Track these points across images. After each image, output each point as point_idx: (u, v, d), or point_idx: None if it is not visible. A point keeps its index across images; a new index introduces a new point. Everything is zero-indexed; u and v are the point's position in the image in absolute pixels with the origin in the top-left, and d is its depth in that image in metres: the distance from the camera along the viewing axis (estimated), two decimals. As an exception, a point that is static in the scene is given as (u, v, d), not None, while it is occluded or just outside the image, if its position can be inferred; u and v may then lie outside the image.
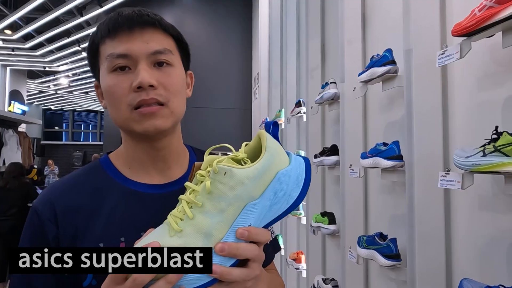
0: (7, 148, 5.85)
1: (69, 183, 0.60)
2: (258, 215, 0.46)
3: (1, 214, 3.60)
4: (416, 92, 1.20)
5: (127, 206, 0.57)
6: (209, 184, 0.45)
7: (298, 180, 0.49)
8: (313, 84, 2.23)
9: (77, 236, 0.55)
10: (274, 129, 0.51)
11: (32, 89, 12.37)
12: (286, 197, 0.48)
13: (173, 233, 0.45)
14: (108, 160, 0.63)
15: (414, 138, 1.20)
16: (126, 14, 0.55)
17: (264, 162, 0.46)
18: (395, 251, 1.24)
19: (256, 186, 0.46)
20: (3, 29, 6.83)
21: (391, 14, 1.55)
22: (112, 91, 0.56)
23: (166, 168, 0.62)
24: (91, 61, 0.61)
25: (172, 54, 0.58)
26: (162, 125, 0.56)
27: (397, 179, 1.29)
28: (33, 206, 0.58)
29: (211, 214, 0.45)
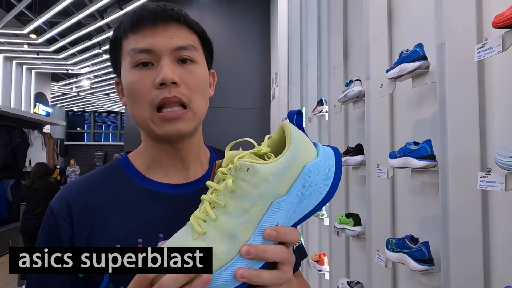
0: (32, 148, 6.04)
1: (87, 182, 0.59)
2: (286, 213, 0.43)
3: (28, 213, 3.71)
4: (450, 89, 1.14)
5: (145, 206, 0.55)
6: (231, 182, 0.42)
7: (328, 173, 0.45)
8: (336, 82, 2.18)
9: (93, 236, 0.53)
10: (298, 119, 0.47)
11: (56, 91, 12.74)
12: (316, 192, 0.44)
13: (196, 236, 0.42)
14: (127, 160, 0.61)
15: (448, 137, 1.14)
16: (150, 8, 0.53)
17: (289, 155, 0.43)
18: (427, 255, 1.18)
19: (282, 182, 0.42)
20: (28, 33, 7.05)
21: (420, 8, 1.49)
22: (133, 88, 0.53)
23: (185, 168, 0.60)
24: (112, 56, 0.59)
25: (196, 50, 0.56)
26: (184, 129, 0.54)
27: (429, 179, 1.24)
28: (50, 205, 0.57)
29: (235, 214, 0.42)
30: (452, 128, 1.14)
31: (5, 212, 5.38)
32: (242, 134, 0.49)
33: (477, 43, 1.01)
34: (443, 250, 1.15)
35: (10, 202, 5.48)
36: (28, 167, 5.93)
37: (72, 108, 16.89)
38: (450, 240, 1.13)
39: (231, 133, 4.73)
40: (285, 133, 0.45)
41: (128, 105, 0.57)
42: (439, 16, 1.17)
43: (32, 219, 3.69)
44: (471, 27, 1.11)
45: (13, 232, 5.24)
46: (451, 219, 1.13)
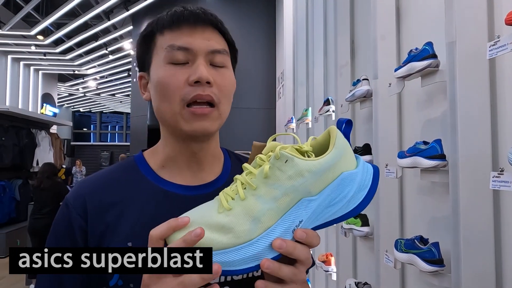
0: (40, 149, 6.10)
1: (103, 179, 0.60)
2: (312, 213, 0.44)
3: (36, 213, 3.74)
4: (460, 87, 1.12)
5: (157, 205, 0.56)
6: (268, 168, 0.43)
7: (363, 186, 0.46)
8: (342, 82, 2.16)
9: (106, 233, 0.54)
10: (346, 128, 0.47)
11: (62, 92, 12.87)
12: (347, 201, 0.45)
13: (221, 210, 0.44)
14: (143, 158, 0.62)
15: (458, 136, 1.13)
16: (191, 9, 0.56)
17: (329, 158, 0.43)
18: (437, 256, 1.17)
19: (316, 182, 0.43)
20: (35, 34, 7.13)
21: (428, 6, 1.48)
22: (166, 82, 0.54)
23: (199, 170, 0.60)
24: (142, 50, 0.60)
25: (228, 56, 0.58)
26: (210, 127, 0.55)
27: (439, 179, 1.22)
28: (66, 199, 0.58)
29: (264, 199, 0.43)
30: (463, 127, 1.12)
31: (14, 212, 5.44)
32: (247, 134, 0.50)
33: (489, 41, 0.99)
34: (454, 251, 1.14)
35: (18, 202, 5.54)
36: (36, 167, 5.99)
37: (79, 108, 17.04)
38: (461, 241, 1.12)
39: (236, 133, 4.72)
40: (330, 137, 0.46)
41: (155, 99, 0.57)
42: (449, 14, 1.16)
43: (40, 219, 3.72)
44: (482, 24, 1.09)
45: (21, 231, 5.29)
46: (462, 220, 1.12)
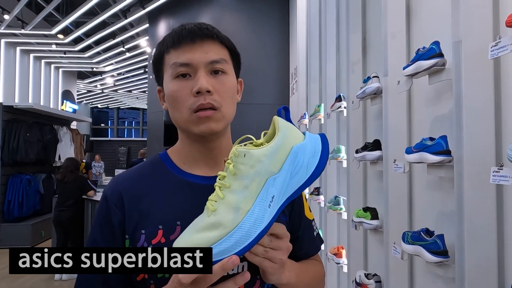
0: (62, 144, 6.33)
1: (135, 174, 0.69)
2: (280, 187, 0.52)
3: (60, 205, 3.93)
4: (466, 85, 1.16)
5: (182, 194, 0.65)
6: (232, 167, 0.52)
7: (314, 152, 0.55)
8: (354, 78, 2.20)
9: (140, 220, 0.63)
10: (286, 113, 0.57)
11: (81, 88, 13.22)
12: (304, 168, 0.53)
13: (209, 213, 0.52)
14: (167, 156, 0.71)
15: (463, 133, 1.17)
16: (189, 28, 0.64)
17: (277, 140, 0.53)
18: (442, 248, 1.22)
19: (273, 162, 0.52)
20: (56, 33, 7.36)
21: (438, 5, 1.51)
22: (175, 96, 0.63)
23: (215, 164, 0.69)
24: (156, 68, 0.70)
25: (227, 63, 0.65)
26: (215, 127, 0.63)
27: (445, 174, 1.27)
28: (104, 193, 0.68)
29: (238, 191, 0.51)
30: (468, 124, 1.16)
31: (38, 204, 5.69)
32: (261, 129, 0.58)
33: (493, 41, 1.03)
34: (458, 243, 1.19)
35: (42, 195, 5.79)
36: (58, 161, 6.23)
37: (97, 105, 17.46)
38: (465, 233, 1.17)
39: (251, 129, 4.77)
40: (274, 124, 0.55)
41: (169, 109, 0.67)
42: (455, 14, 1.19)
43: (64, 211, 3.91)
44: (487, 25, 1.13)
45: (46, 223, 5.54)
46: (466, 213, 1.16)
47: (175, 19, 6.06)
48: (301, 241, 0.70)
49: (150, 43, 6.68)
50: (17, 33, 7.45)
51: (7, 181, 5.37)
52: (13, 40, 7.89)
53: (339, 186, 2.61)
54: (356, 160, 1.95)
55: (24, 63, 8.64)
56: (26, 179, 5.49)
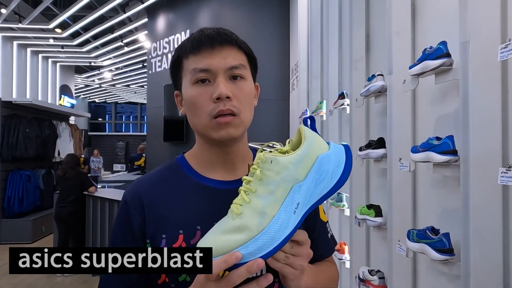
0: (61, 139, 6.32)
1: (154, 178, 0.70)
2: (305, 194, 0.53)
3: (62, 201, 3.94)
4: (473, 86, 1.17)
5: (201, 198, 0.66)
6: (259, 172, 0.54)
7: (339, 162, 0.56)
8: (357, 76, 2.21)
9: (159, 224, 0.63)
10: (311, 123, 0.59)
11: (79, 83, 13.14)
12: (329, 178, 0.55)
13: (235, 216, 0.53)
14: (185, 160, 0.72)
15: (470, 133, 1.18)
16: (208, 33, 0.64)
17: (303, 148, 0.54)
18: (448, 246, 1.24)
19: (299, 169, 0.53)
20: (54, 28, 7.30)
21: (444, 4, 1.51)
22: (194, 101, 0.64)
23: (233, 168, 0.70)
24: (174, 72, 0.70)
25: (245, 68, 0.66)
26: (235, 133, 0.64)
27: (451, 173, 1.28)
28: (124, 197, 0.68)
29: (263, 196, 0.52)
30: (475, 124, 1.17)
31: (38, 200, 5.69)
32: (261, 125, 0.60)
33: (501, 43, 1.04)
34: (464, 241, 1.20)
35: (42, 190, 5.79)
36: (57, 157, 6.22)
37: (94, 99, 17.37)
38: (470, 232, 1.18)
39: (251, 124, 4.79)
40: (301, 133, 0.57)
41: (188, 114, 0.68)
42: (463, 14, 1.20)
43: (65, 207, 3.91)
44: (495, 26, 1.13)
45: (46, 218, 5.55)
46: (472, 212, 1.18)
47: (174, 14, 6.02)
48: (316, 243, 0.71)
49: (149, 37, 6.63)
50: (14, 27, 7.38)
51: (7, 177, 5.36)
52: (10, 34, 7.82)
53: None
54: (360, 157, 1.96)
55: (21, 58, 8.57)
56: (25, 175, 5.48)
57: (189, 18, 5.72)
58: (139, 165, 8.17)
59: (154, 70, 6.34)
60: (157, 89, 6.08)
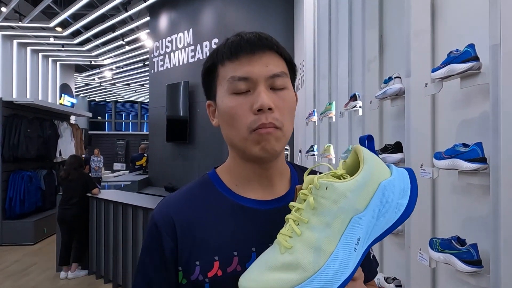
0: (62, 139, 6.25)
1: (185, 197, 0.63)
2: (366, 228, 0.46)
3: (65, 203, 3.88)
4: (504, 91, 1.12)
5: (236, 220, 0.60)
6: (312, 200, 0.46)
7: (404, 190, 0.49)
8: (370, 77, 2.15)
9: (193, 249, 0.58)
10: (369, 143, 0.51)
11: (79, 82, 13.07)
12: (394, 208, 0.47)
13: (283, 250, 0.46)
14: (217, 176, 0.65)
15: (501, 139, 1.13)
16: (247, 38, 0.58)
17: (364, 173, 0.46)
18: (476, 257, 1.19)
19: (360, 198, 0.46)
20: (54, 26, 7.22)
21: (466, 4, 1.45)
22: (232, 113, 0.57)
23: (270, 185, 0.64)
24: (207, 80, 0.63)
25: (287, 76, 0.60)
26: (277, 146, 0.58)
27: (479, 182, 1.23)
28: (153, 219, 0.62)
29: (318, 228, 0.45)
30: (506, 131, 1.12)
31: (40, 200, 5.63)
32: None
33: (538, 46, 0.99)
34: (493, 253, 1.16)
35: (44, 191, 5.73)
36: (59, 157, 6.16)
37: (94, 98, 17.29)
38: (501, 242, 1.13)
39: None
40: (358, 155, 0.49)
41: (223, 126, 0.61)
42: (494, 16, 1.14)
43: (68, 209, 3.86)
44: (530, 28, 1.08)
45: (48, 219, 5.50)
46: (503, 222, 1.13)
47: (177, 12, 5.95)
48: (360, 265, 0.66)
49: (150, 36, 6.57)
50: (14, 26, 7.30)
51: (8, 177, 5.30)
52: (10, 33, 7.74)
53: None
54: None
55: (21, 57, 8.50)
56: (27, 175, 5.42)
57: (192, 17, 5.66)
58: (141, 165, 8.12)
59: (156, 69, 6.28)
60: (160, 88, 6.03)
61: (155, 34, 6.33)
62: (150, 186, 6.12)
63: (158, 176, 6.14)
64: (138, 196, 4.08)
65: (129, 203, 3.48)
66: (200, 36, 5.52)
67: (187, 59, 5.71)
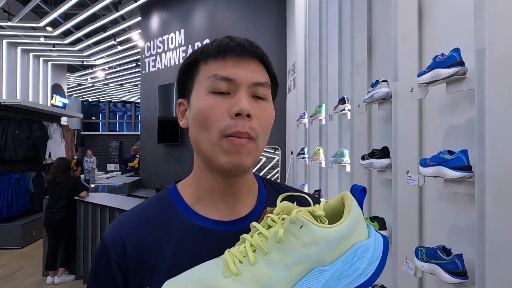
0: (52, 141, 6.17)
1: (139, 217, 0.59)
2: (323, 284, 0.41)
3: (51, 207, 3.81)
4: (489, 97, 1.09)
5: (193, 242, 0.56)
6: (282, 233, 0.41)
7: (373, 259, 0.44)
8: (359, 80, 2.12)
9: (145, 273, 0.54)
10: (360, 195, 0.46)
11: (71, 82, 12.93)
12: (357, 275, 0.43)
13: (228, 273, 0.41)
14: (176, 191, 0.61)
15: (486, 147, 1.10)
16: (238, 41, 0.55)
17: (345, 226, 0.42)
18: (461, 268, 1.16)
19: (330, 251, 0.41)
20: (44, 26, 7.12)
21: (453, 7, 1.42)
22: (207, 112, 0.53)
23: (234, 202, 0.59)
24: (184, 77, 0.59)
25: (269, 90, 0.58)
26: (246, 161, 0.54)
27: (464, 190, 1.20)
28: (104, 239, 0.57)
29: (276, 266, 0.41)
30: (491, 138, 1.09)
31: (28, 203, 5.54)
32: None
33: (523, 52, 0.95)
34: (479, 263, 1.12)
35: (32, 194, 5.64)
36: (48, 159, 6.07)
37: (87, 98, 17.14)
38: (486, 253, 1.10)
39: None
40: (345, 204, 0.45)
41: (193, 128, 0.56)
42: (480, 20, 1.11)
43: (55, 213, 3.79)
44: (515, 33, 1.04)
45: (36, 223, 5.41)
46: (488, 232, 1.09)
47: (168, 13, 5.89)
48: None
49: (142, 36, 6.50)
50: (3, 25, 7.19)
51: (-5, 180, 5.21)
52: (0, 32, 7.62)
53: (340, 190, 2.54)
54: (363, 167, 1.87)
55: (12, 56, 8.37)
56: (15, 178, 5.33)
57: (184, 17, 5.60)
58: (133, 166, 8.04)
59: (147, 70, 6.21)
60: (151, 89, 5.96)
61: (147, 34, 6.27)
62: (142, 188, 6.05)
63: (149, 178, 6.07)
64: (126, 200, 4.02)
65: (116, 207, 3.42)
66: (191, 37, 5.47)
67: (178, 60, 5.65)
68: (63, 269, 3.87)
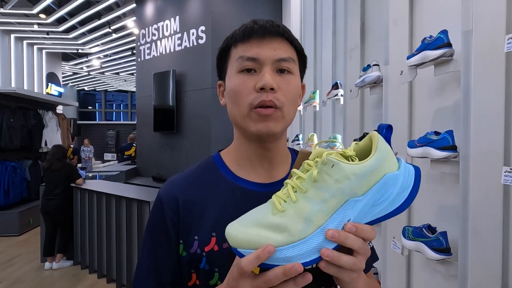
0: (48, 129, 6.14)
1: (189, 178, 0.69)
2: (359, 212, 0.47)
3: (48, 194, 3.83)
4: (475, 78, 1.11)
5: (235, 201, 0.64)
6: (316, 173, 0.47)
7: (405, 187, 0.48)
8: (352, 65, 2.13)
9: (193, 225, 0.63)
10: (387, 132, 0.50)
11: (67, 71, 12.80)
12: (390, 202, 0.48)
13: (275, 211, 0.48)
14: (220, 158, 0.70)
15: (471, 129, 1.12)
16: (261, 23, 0.62)
17: (373, 161, 0.47)
18: (445, 245, 1.20)
19: (361, 184, 0.46)
20: (38, 13, 7.02)
21: (444, -11, 1.43)
22: (237, 90, 0.61)
23: (271, 168, 0.67)
24: (220, 61, 0.67)
25: (294, 63, 0.63)
26: (274, 127, 0.60)
27: (450, 170, 1.23)
28: (158, 196, 0.67)
29: (314, 201, 0.47)
30: (476, 119, 1.11)
31: (25, 191, 5.56)
32: None
33: (507, 33, 0.97)
34: (462, 241, 1.16)
35: (29, 181, 5.65)
36: (44, 147, 6.06)
37: (84, 87, 16.99)
38: (469, 231, 1.14)
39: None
40: (372, 142, 0.49)
41: (229, 105, 0.65)
42: (466, 2, 1.12)
43: (51, 200, 3.81)
44: (500, 14, 1.06)
45: (33, 210, 5.43)
46: (471, 211, 1.13)
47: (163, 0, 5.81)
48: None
49: (137, 24, 6.43)
50: (-4, 13, 7.08)
51: (-8, 168, 5.21)
52: (-8, 19, 7.51)
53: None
54: (354, 151, 1.90)
55: (5, 44, 8.26)
56: (11, 166, 5.33)
57: (179, 4, 5.53)
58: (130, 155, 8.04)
59: (143, 57, 6.16)
60: (147, 77, 5.92)
61: (142, 21, 6.19)
62: (138, 176, 6.07)
63: (146, 166, 6.09)
64: (122, 186, 4.04)
65: (113, 194, 3.44)
66: (187, 24, 5.42)
67: (174, 47, 5.60)
68: (61, 255, 3.91)
